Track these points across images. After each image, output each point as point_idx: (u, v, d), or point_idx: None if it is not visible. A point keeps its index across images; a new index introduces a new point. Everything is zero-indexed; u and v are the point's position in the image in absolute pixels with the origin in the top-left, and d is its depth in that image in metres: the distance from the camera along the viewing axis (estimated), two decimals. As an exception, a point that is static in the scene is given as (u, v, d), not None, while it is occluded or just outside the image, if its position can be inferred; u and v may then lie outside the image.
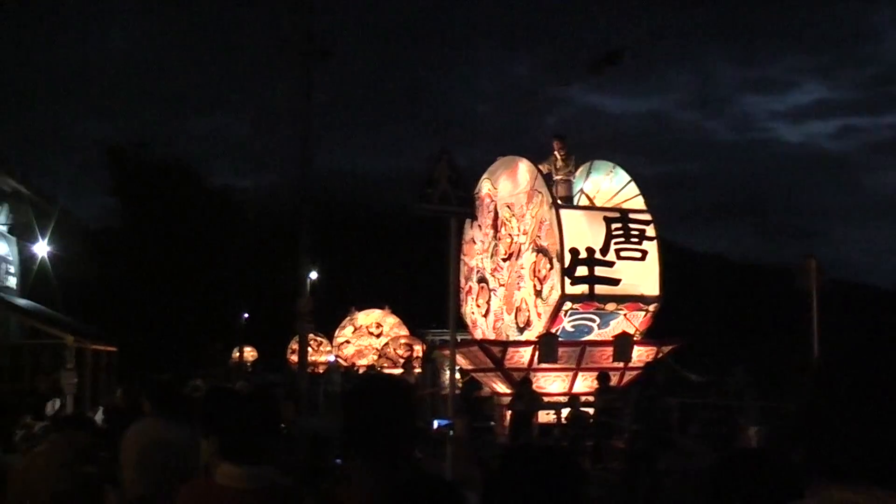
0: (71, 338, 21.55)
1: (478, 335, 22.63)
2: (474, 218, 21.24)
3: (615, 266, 19.12)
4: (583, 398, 18.97)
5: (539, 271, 19.83)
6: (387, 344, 40.92)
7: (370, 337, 43.79)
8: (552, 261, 19.26)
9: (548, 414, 19.31)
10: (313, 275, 37.18)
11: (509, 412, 19.48)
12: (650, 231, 19.61)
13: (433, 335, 35.16)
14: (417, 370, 32.80)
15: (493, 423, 21.96)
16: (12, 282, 24.52)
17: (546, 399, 19.16)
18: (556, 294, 19.03)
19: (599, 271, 18.97)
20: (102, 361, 24.92)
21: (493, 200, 22.12)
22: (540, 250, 19.87)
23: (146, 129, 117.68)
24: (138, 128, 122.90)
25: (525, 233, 20.62)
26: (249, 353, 49.69)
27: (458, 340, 23.20)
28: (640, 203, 20.14)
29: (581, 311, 19.26)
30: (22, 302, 24.23)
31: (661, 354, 19.94)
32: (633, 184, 20.47)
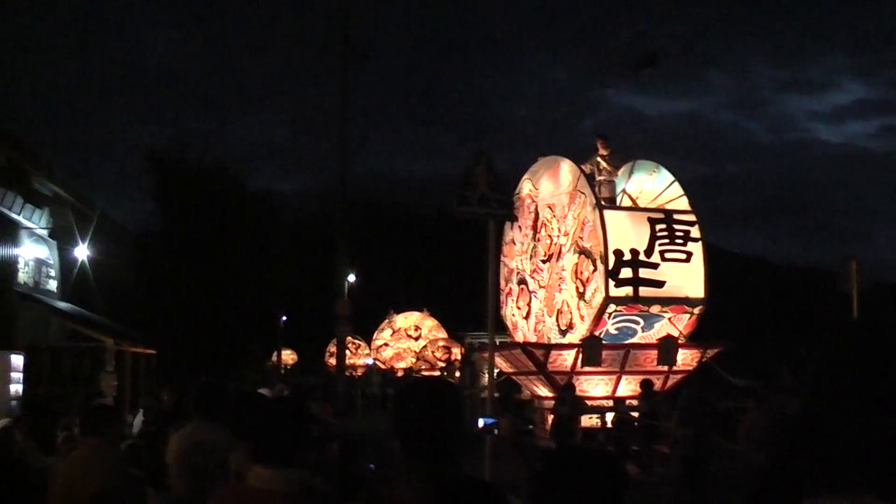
0: (111, 340, 21.61)
1: (518, 338, 22.32)
2: (513, 220, 20.98)
3: (659, 268, 18.74)
4: (627, 402, 18.64)
5: (581, 273, 19.47)
6: (425, 347, 40.88)
7: (409, 339, 43.71)
8: (595, 262, 18.91)
9: (590, 418, 18.99)
10: (351, 277, 37.14)
11: (551, 416, 19.24)
12: (695, 232, 19.20)
13: (472, 338, 34.98)
14: (457, 374, 32.65)
15: (531, 426, 21.66)
16: (52, 285, 24.64)
17: (589, 403, 18.89)
18: (600, 296, 18.69)
19: (644, 273, 18.59)
20: (141, 364, 24.96)
21: (533, 201, 21.82)
22: (582, 252, 19.51)
23: (187, 134, 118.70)
24: (179, 132, 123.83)
25: (566, 234, 20.26)
26: (289, 357, 49.80)
27: (498, 343, 23.15)
28: (684, 203, 19.73)
29: (625, 313, 18.92)
30: (62, 305, 24.36)
31: (705, 358, 19.54)
32: (676, 184, 20.06)
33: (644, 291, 18.70)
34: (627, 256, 18.59)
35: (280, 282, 49.35)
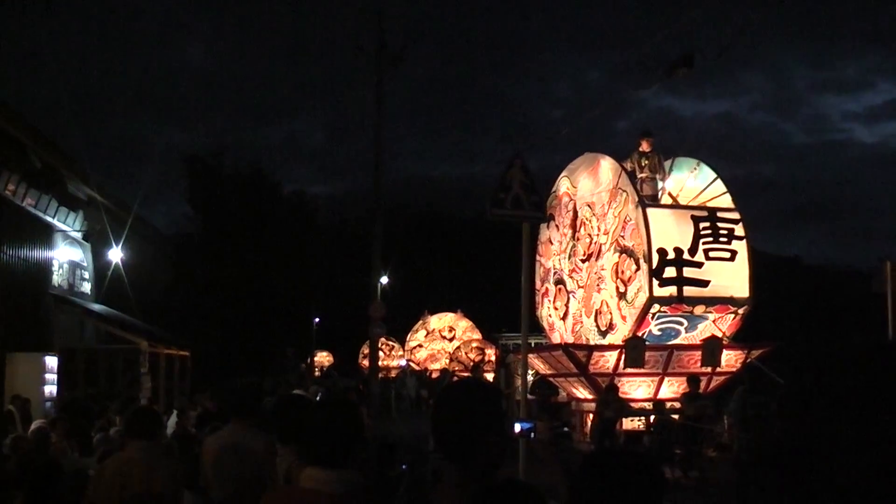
0: (145, 342, 21.64)
1: (555, 338, 21.88)
2: (546, 222, 20.66)
3: (704, 267, 18.19)
4: (668, 404, 18.17)
5: (623, 272, 18.94)
6: (458, 347, 40.61)
7: (443, 341, 43.41)
8: (638, 262, 18.40)
9: (631, 420, 18.59)
10: (384, 279, 37.01)
11: (591, 418, 18.81)
12: (739, 230, 18.63)
13: (507, 339, 34.65)
14: (488, 374, 32.30)
15: (566, 428, 21.41)
16: (87, 287, 24.79)
17: (632, 405, 18.49)
18: (644, 296, 18.17)
19: (688, 272, 18.06)
20: (176, 366, 24.99)
21: (571, 199, 21.33)
22: (624, 251, 19.00)
23: (223, 137, 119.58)
24: (216, 136, 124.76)
25: (606, 233, 19.73)
26: (325, 358, 49.87)
27: (534, 344, 22.80)
28: (727, 201, 19.18)
29: (669, 314, 18.40)
30: (97, 307, 24.45)
31: (749, 359, 19.02)
32: (719, 181, 19.49)
33: (688, 291, 18.14)
34: (671, 255, 18.05)
35: (315, 284, 49.47)
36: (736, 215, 18.84)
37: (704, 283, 18.18)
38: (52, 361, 19.31)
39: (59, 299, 22.16)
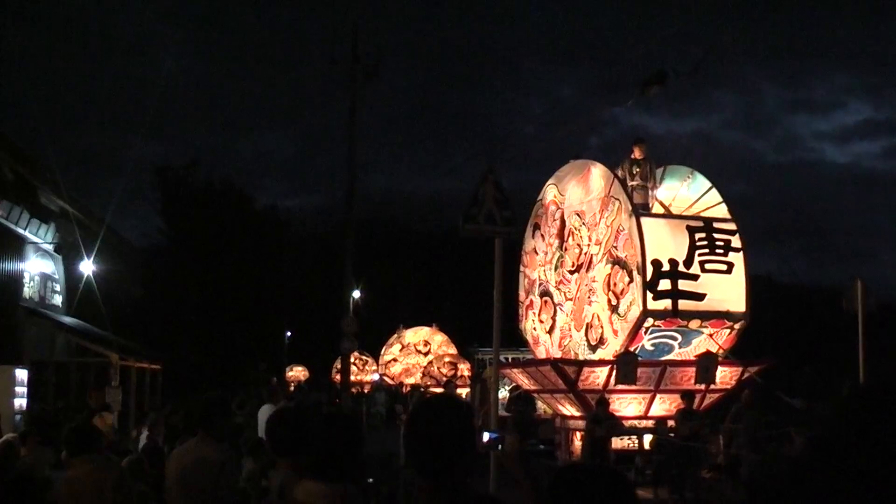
0: (116, 356, 21.61)
1: (540, 353, 21.15)
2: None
3: (699, 279, 17.62)
4: (667, 422, 17.57)
5: (615, 285, 18.33)
6: (431, 362, 40.28)
7: (417, 355, 43.07)
8: (632, 273, 17.81)
9: (621, 439, 17.84)
10: (357, 294, 36.69)
11: (579, 436, 18.22)
12: (735, 242, 18.05)
13: (483, 353, 34.21)
14: (462, 389, 31.82)
15: (542, 445, 20.89)
16: (58, 300, 24.66)
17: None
18: (637, 310, 17.57)
19: (683, 285, 17.45)
20: (147, 379, 24.77)
21: (559, 208, 20.61)
22: (616, 262, 18.38)
23: (194, 149, 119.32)
24: (187, 147, 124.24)
25: (598, 243, 19.09)
26: (300, 373, 49.38)
27: (511, 359, 22.21)
28: (723, 211, 18.62)
29: (663, 328, 17.81)
30: (68, 320, 24.25)
31: (745, 376, 18.51)
32: (714, 190, 18.95)
33: (683, 305, 17.53)
34: (666, 267, 17.44)
35: (287, 298, 48.99)
36: (732, 226, 18.27)
37: (700, 297, 17.60)
38: (22, 374, 18.96)
39: (29, 312, 21.94)
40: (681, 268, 17.54)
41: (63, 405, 20.01)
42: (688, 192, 19.51)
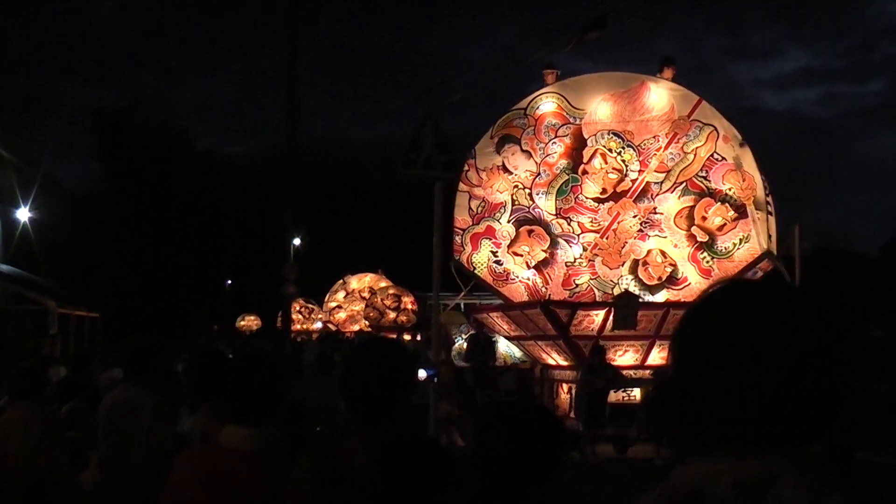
0: (54, 303, 21.27)
1: (517, 292, 17.90)
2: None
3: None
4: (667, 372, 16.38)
5: (705, 220, 16.93)
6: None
7: (362, 302, 42.61)
8: (742, 209, 16.73)
9: (616, 392, 15.72)
10: (298, 241, 36.51)
11: (566, 387, 16.79)
12: None
13: (444, 299, 33.75)
14: (408, 337, 31.76)
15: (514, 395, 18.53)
16: None
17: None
18: (755, 247, 16.54)
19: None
20: (86, 327, 24.61)
21: (570, 123, 17.91)
22: (709, 194, 16.94)
23: (133, 94, 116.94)
24: (125, 92, 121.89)
25: (664, 170, 17.25)
26: (253, 322, 48.56)
27: (464, 306, 20.84)
28: None
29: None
30: (4, 267, 23.90)
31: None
32: None
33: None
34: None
35: (228, 245, 48.82)
36: None
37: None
38: (-44, 323, 18.78)
39: (-36, 259, 21.59)
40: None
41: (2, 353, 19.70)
42: None
